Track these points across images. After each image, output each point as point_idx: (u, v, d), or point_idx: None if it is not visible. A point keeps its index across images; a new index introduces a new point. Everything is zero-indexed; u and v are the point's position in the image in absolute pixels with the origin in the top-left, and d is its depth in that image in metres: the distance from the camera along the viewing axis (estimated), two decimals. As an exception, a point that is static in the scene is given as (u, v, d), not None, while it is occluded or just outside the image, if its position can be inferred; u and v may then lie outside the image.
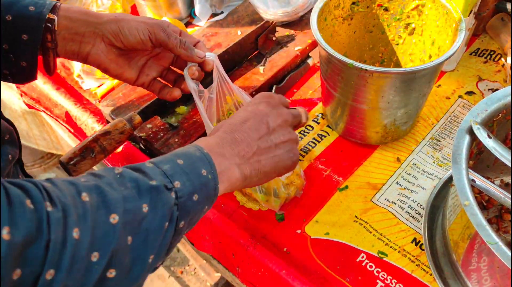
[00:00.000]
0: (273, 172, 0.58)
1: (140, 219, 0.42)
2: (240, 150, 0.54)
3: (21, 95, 1.01)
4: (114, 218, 0.40)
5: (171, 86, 0.74)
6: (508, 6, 0.91)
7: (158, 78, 0.75)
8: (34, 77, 0.67)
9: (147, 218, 0.43)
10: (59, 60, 1.03)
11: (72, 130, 0.95)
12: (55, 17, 0.63)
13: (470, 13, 0.85)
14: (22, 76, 0.66)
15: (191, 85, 0.68)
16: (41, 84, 0.94)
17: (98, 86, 0.96)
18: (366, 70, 0.65)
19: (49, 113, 0.96)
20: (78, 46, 0.64)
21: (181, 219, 0.46)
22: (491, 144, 0.58)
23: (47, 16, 0.61)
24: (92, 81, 0.97)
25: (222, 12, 1.10)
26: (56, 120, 0.96)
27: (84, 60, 0.66)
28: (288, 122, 0.60)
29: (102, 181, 0.42)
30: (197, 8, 1.08)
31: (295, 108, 0.63)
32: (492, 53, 0.95)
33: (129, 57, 0.68)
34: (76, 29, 0.63)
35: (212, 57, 0.69)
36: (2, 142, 0.55)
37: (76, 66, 0.97)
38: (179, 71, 0.75)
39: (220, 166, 0.52)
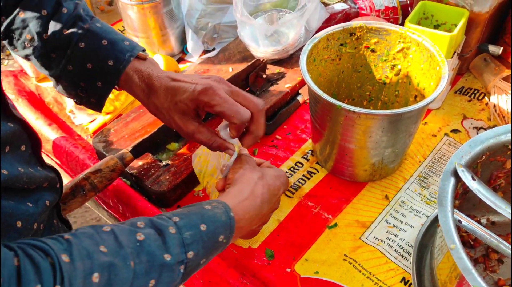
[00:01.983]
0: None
1: None
2: (253, 224, 0.61)
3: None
4: None
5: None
6: (490, 47, 0.94)
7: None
8: (100, 109, 0.72)
9: None
10: (51, 95, 1.04)
11: (63, 166, 0.95)
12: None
13: (454, 54, 0.88)
14: (90, 107, 0.72)
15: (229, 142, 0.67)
16: (33, 120, 0.94)
17: (90, 122, 0.97)
18: (354, 111, 0.67)
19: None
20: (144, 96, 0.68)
21: (180, 283, 0.49)
22: (475, 186, 0.59)
23: (122, 72, 0.66)
24: (84, 116, 0.97)
25: (214, 49, 1.12)
26: (48, 155, 0.96)
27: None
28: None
29: (120, 255, 0.43)
30: (190, 45, 1.11)
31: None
32: (476, 91, 0.98)
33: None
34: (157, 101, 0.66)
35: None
36: (38, 189, 0.56)
37: (69, 102, 0.98)
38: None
39: (236, 236, 0.56)
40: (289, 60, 1.04)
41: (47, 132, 0.92)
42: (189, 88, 0.63)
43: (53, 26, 0.64)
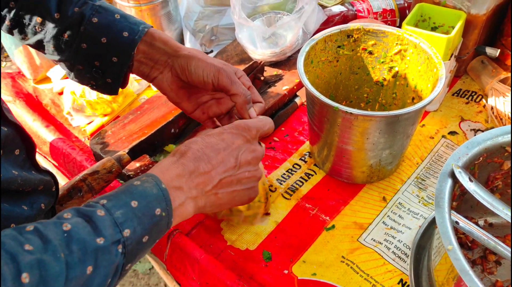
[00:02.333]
0: (227, 204, 0.59)
1: (82, 282, 0.43)
2: (200, 182, 0.55)
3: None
4: None
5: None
6: (487, 49, 0.94)
7: (215, 119, 0.75)
8: (116, 92, 0.71)
9: (90, 279, 0.43)
10: (49, 97, 1.04)
11: (60, 168, 0.95)
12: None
13: (451, 56, 0.88)
14: (105, 89, 0.71)
15: None
16: (30, 121, 0.94)
17: (88, 123, 0.97)
18: (351, 113, 0.67)
19: (37, 150, 0.96)
20: (149, 70, 0.68)
21: (126, 264, 0.47)
22: (472, 187, 0.59)
23: (138, 43, 0.66)
24: (82, 118, 0.97)
25: (211, 51, 1.12)
26: (45, 157, 0.96)
27: (151, 81, 0.70)
28: (258, 159, 0.60)
29: (47, 250, 0.42)
30: (187, 47, 1.11)
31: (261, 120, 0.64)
32: (473, 94, 0.99)
33: (190, 92, 0.70)
34: (152, 56, 0.67)
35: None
36: (33, 191, 0.56)
37: (66, 103, 0.98)
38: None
39: (175, 202, 0.52)
40: (287, 62, 1.05)
41: (44, 134, 0.92)
42: (209, 66, 0.65)
43: (65, 5, 0.64)
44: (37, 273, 0.40)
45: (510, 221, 0.58)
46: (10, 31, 0.68)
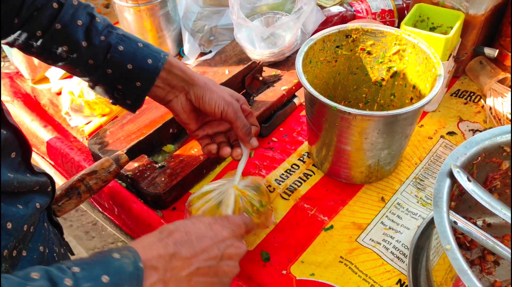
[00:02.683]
0: None
1: None
2: (178, 266, 0.53)
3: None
4: None
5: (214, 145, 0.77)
6: (486, 50, 0.94)
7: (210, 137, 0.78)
8: (134, 112, 0.74)
9: None
10: (47, 97, 1.04)
11: (58, 168, 0.95)
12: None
13: (450, 56, 0.88)
14: (124, 107, 0.74)
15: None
16: (29, 121, 0.94)
17: (86, 123, 0.97)
18: (349, 113, 0.67)
19: (35, 150, 0.96)
20: (165, 94, 0.72)
21: None
22: (470, 187, 0.59)
23: (161, 70, 0.69)
24: (80, 118, 0.97)
25: (210, 51, 1.12)
26: (43, 157, 0.96)
27: (165, 104, 0.74)
28: (239, 256, 0.59)
29: None
30: (186, 47, 1.10)
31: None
32: (472, 94, 0.99)
33: (199, 115, 0.75)
34: (170, 81, 0.71)
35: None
36: (28, 192, 0.56)
37: (64, 104, 0.97)
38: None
39: (147, 281, 0.50)
40: (285, 62, 1.04)
41: (42, 134, 0.92)
42: (219, 99, 0.71)
43: (91, 34, 0.67)
44: None
45: (508, 221, 0.58)
46: (35, 55, 0.69)
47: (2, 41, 0.68)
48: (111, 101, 0.73)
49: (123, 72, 0.69)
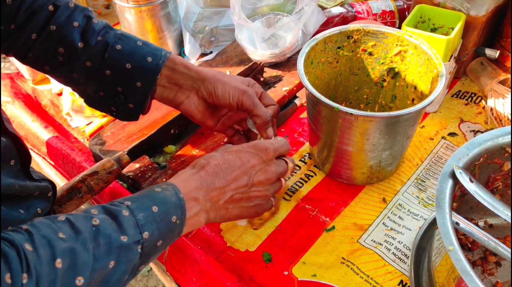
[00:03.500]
0: (234, 218, 0.64)
1: (104, 275, 0.46)
2: (214, 196, 0.59)
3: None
4: (80, 280, 0.44)
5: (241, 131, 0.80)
6: (487, 51, 0.94)
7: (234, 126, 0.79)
8: (137, 118, 0.73)
9: (110, 273, 0.47)
10: (48, 97, 1.04)
11: (59, 169, 0.94)
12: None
13: (451, 57, 0.88)
14: (127, 115, 0.72)
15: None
16: (29, 122, 0.94)
17: (87, 124, 0.97)
18: (351, 114, 0.67)
19: (36, 151, 0.96)
20: (174, 95, 0.70)
21: (140, 265, 0.51)
22: (473, 188, 0.59)
23: (162, 68, 0.67)
24: (81, 119, 0.97)
25: (211, 52, 1.12)
26: (44, 158, 0.95)
27: (176, 107, 0.72)
28: (271, 180, 0.64)
29: (78, 240, 0.45)
30: (187, 48, 1.10)
31: (285, 160, 0.67)
32: (473, 95, 0.99)
33: (214, 110, 0.74)
34: (176, 80, 0.69)
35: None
36: (29, 196, 0.58)
37: (65, 104, 0.97)
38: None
39: (190, 212, 0.56)
40: (286, 63, 1.04)
41: (43, 134, 0.92)
42: (232, 88, 0.69)
43: (88, 35, 0.66)
44: (68, 260, 0.43)
45: (510, 222, 0.58)
46: (31, 61, 0.69)
47: None
48: (110, 112, 0.71)
49: (122, 72, 0.67)
